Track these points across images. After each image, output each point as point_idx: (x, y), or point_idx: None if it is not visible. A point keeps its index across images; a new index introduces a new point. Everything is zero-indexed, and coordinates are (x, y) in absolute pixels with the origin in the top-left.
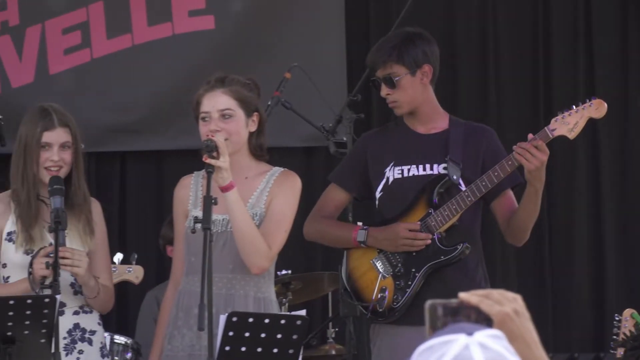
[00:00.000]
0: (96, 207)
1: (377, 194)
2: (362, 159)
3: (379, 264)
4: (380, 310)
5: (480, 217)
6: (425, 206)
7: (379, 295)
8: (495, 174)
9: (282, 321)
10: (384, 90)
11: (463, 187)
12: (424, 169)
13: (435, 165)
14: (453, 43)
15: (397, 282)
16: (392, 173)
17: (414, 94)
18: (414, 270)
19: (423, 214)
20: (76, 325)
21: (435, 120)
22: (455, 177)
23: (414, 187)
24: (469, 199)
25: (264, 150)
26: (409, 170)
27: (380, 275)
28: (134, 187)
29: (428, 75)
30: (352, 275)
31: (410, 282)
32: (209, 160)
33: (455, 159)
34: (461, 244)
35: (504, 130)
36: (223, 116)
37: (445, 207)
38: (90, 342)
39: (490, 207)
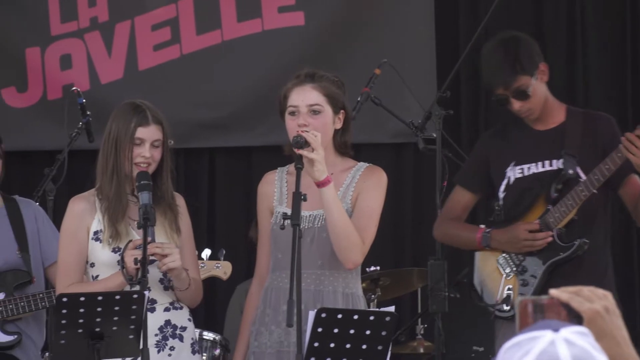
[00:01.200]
0: (181, 202)
1: (500, 194)
2: (484, 159)
3: (503, 264)
4: (507, 308)
5: (608, 212)
6: (544, 203)
7: (505, 294)
8: (607, 167)
9: (371, 317)
10: (517, 104)
11: (583, 178)
12: (543, 166)
13: (554, 161)
14: (542, 34)
15: (521, 281)
16: (513, 172)
17: (542, 96)
18: (535, 268)
19: (542, 212)
20: (167, 322)
21: (553, 115)
22: (571, 172)
23: (534, 185)
24: (583, 193)
25: (349, 147)
26: (529, 168)
27: (504, 275)
28: (222, 183)
29: (545, 73)
30: (480, 274)
31: (533, 280)
32: (304, 152)
33: (571, 152)
34: (578, 240)
35: None
36: (312, 111)
37: (561, 203)
38: (181, 339)
39: (619, 194)
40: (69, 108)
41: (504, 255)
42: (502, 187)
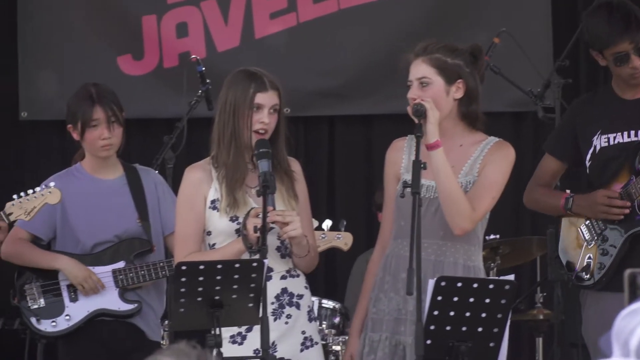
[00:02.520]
0: (297, 167)
1: (587, 163)
2: (572, 127)
3: (584, 232)
4: (586, 277)
5: None
6: (627, 173)
7: (585, 263)
8: None
9: (491, 286)
10: (637, 61)
11: None
12: (629, 136)
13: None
14: None
15: (601, 250)
16: (599, 141)
17: None
18: (616, 238)
19: (625, 181)
20: (284, 290)
21: None
22: None
23: (619, 154)
24: None
25: (478, 119)
26: (614, 138)
27: (585, 243)
28: (342, 151)
29: None
30: (562, 243)
31: (612, 250)
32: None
33: None
34: None
35: None
36: (421, 84)
37: None
38: (298, 307)
39: None
40: (187, 76)
41: (586, 223)
42: (588, 156)
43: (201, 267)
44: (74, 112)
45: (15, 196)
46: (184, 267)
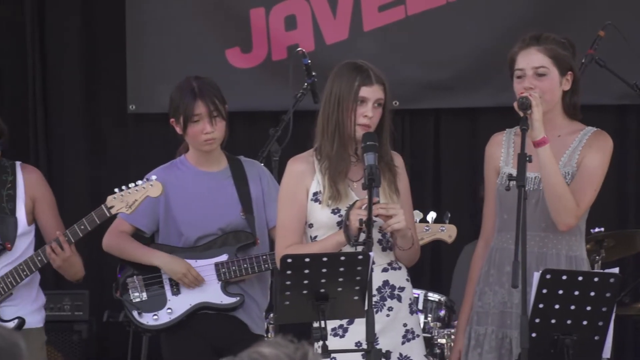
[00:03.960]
0: (399, 161)
1: None
2: None
3: None
4: None
5: None
6: None
7: None
8: None
9: (595, 279)
10: None
11: None
12: None
13: None
14: None
15: None
16: None
17: None
18: None
19: None
20: (385, 282)
21: None
22: None
23: None
24: None
25: (577, 109)
26: None
27: None
28: (447, 144)
29: None
30: None
31: None
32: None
33: None
34: None
35: None
36: (537, 74)
37: None
38: (399, 299)
39: None
40: (293, 69)
41: None
42: None
43: (307, 259)
44: (176, 106)
45: (116, 189)
46: (289, 260)
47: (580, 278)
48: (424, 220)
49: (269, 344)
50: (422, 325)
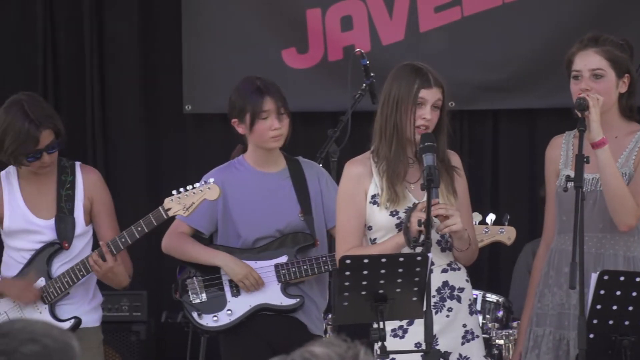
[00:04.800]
0: (457, 161)
1: None
2: None
3: None
4: None
5: None
6: None
7: None
8: None
9: None
10: None
11: None
12: None
13: None
14: None
15: None
16: None
17: None
18: None
19: None
20: (445, 283)
21: None
22: None
23: None
24: None
25: (634, 111)
26: None
27: None
28: (506, 145)
29: None
30: None
31: None
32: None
33: None
34: None
35: None
36: (594, 76)
37: None
38: (459, 300)
39: None
40: (351, 69)
41: None
42: None
43: (365, 260)
44: (242, 105)
45: (174, 192)
46: (348, 261)
47: (638, 279)
48: (483, 222)
49: (321, 343)
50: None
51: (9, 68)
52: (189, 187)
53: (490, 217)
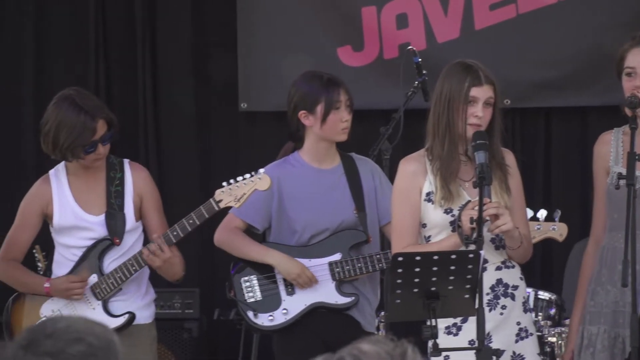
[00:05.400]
0: (510, 159)
1: None
2: None
3: None
4: None
5: None
6: None
7: None
8: None
9: None
10: None
11: None
12: None
13: None
14: None
15: None
16: None
17: None
18: None
19: None
20: (499, 281)
21: None
22: None
23: None
24: None
25: None
26: None
27: None
28: (558, 143)
29: None
30: None
31: None
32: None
33: None
34: None
35: None
36: None
37: None
38: (512, 297)
39: None
40: (404, 67)
41: None
42: None
43: (417, 258)
44: (315, 96)
45: (224, 183)
46: (400, 259)
47: None
48: (534, 218)
49: (369, 341)
50: None
51: (60, 67)
52: (239, 178)
53: (542, 213)
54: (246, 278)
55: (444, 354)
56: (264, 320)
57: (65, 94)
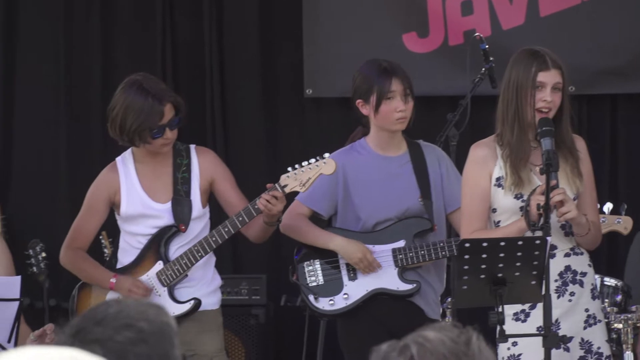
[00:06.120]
0: (581, 145)
1: None
2: None
3: None
4: None
5: None
6: None
7: None
8: None
9: None
10: None
11: None
12: None
13: None
14: None
15: None
16: None
17: None
18: None
19: None
20: (567, 268)
21: None
22: None
23: None
24: None
25: None
26: None
27: None
28: (624, 131)
29: None
30: None
31: None
32: None
33: None
34: None
35: None
36: None
37: None
38: (581, 284)
39: None
40: (471, 54)
41: None
42: None
43: (484, 244)
44: (368, 85)
45: (289, 168)
46: (467, 245)
47: None
48: (600, 211)
49: (433, 327)
50: None
51: (126, 53)
52: (305, 163)
53: (608, 206)
54: (309, 262)
55: (511, 340)
56: (324, 304)
57: (132, 78)
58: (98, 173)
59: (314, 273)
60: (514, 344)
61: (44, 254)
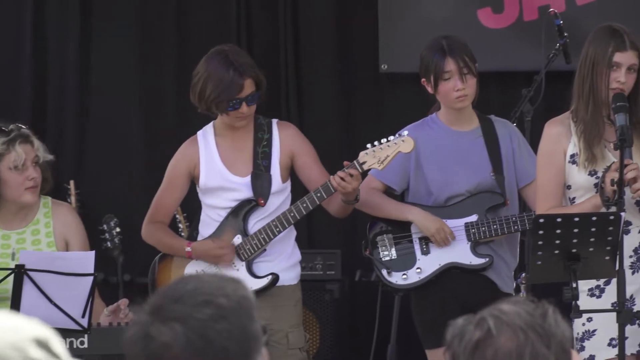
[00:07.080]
0: None
1: None
2: None
3: None
4: None
5: None
6: None
7: None
8: None
9: None
10: None
11: None
12: None
13: None
14: None
15: None
16: None
17: None
18: None
19: None
20: None
21: None
22: None
23: None
24: None
25: None
26: None
27: None
28: None
29: None
30: None
31: None
32: None
33: None
34: None
35: None
36: None
37: None
38: None
39: None
40: (545, 29)
41: None
42: None
43: (558, 219)
44: (426, 65)
45: (369, 145)
46: (541, 220)
47: None
48: None
49: (509, 301)
50: None
51: (203, 28)
52: (383, 140)
53: None
54: (382, 237)
55: (586, 315)
56: (397, 278)
57: (219, 48)
58: (171, 148)
59: (386, 247)
60: (589, 319)
61: (118, 229)
